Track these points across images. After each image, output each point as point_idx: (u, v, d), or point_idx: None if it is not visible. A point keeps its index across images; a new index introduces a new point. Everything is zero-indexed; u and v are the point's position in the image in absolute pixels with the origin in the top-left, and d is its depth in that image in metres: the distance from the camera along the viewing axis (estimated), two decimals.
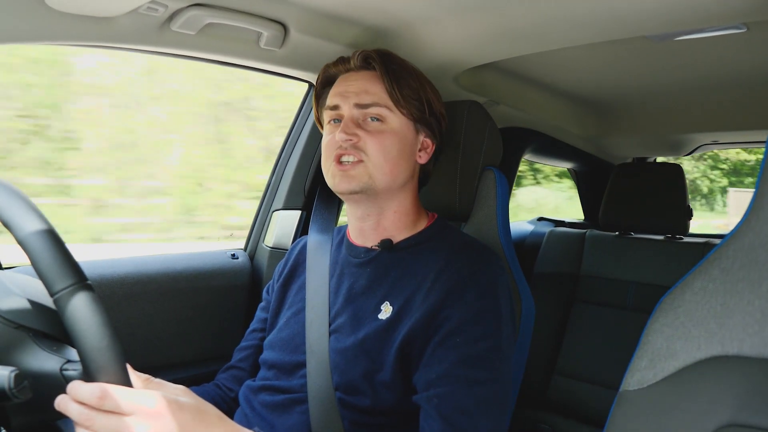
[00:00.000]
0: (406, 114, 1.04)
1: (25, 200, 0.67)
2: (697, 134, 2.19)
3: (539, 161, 2.63)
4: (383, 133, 1.02)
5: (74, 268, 0.65)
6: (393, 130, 1.03)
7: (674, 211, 1.93)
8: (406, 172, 1.06)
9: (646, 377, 0.83)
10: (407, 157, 1.06)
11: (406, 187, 1.08)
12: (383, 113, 1.03)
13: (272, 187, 1.67)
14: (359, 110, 1.03)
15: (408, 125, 1.06)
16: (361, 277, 1.06)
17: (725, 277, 0.80)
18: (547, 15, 1.12)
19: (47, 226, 0.66)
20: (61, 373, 0.74)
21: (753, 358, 0.75)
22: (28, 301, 0.81)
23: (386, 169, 1.02)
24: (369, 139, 1.01)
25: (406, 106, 1.04)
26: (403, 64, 1.08)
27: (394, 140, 1.03)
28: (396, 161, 1.03)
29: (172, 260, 1.48)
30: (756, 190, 0.80)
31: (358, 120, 1.03)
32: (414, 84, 1.05)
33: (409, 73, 1.07)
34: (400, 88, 1.03)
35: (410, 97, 1.04)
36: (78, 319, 0.63)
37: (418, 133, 1.08)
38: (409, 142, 1.06)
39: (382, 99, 1.03)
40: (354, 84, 1.05)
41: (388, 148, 1.02)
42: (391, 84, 1.03)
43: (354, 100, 1.03)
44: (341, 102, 1.05)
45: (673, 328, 0.83)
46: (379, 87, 1.04)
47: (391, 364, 0.93)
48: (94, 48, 1.11)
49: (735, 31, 1.23)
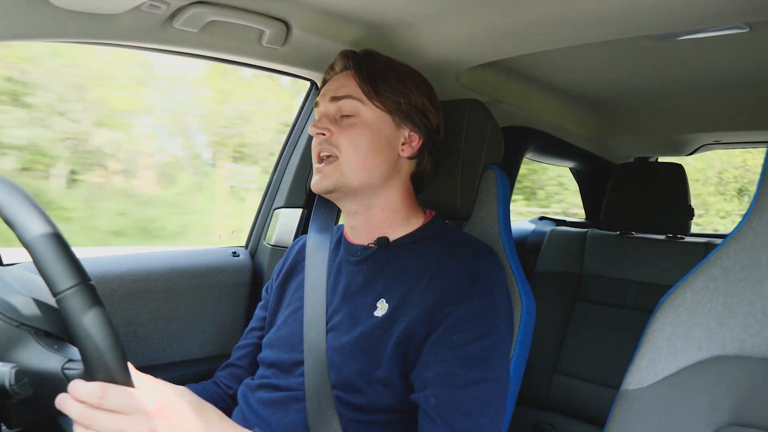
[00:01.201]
0: (381, 107, 1.05)
1: (29, 199, 0.67)
2: (699, 134, 2.18)
3: (541, 160, 2.63)
4: (354, 126, 1.03)
5: (77, 268, 0.65)
6: (365, 122, 1.04)
7: (676, 211, 1.92)
8: (383, 166, 1.05)
9: (647, 376, 0.83)
10: (383, 150, 1.05)
11: (389, 183, 1.07)
12: (356, 106, 1.04)
13: (274, 185, 1.67)
14: (333, 103, 1.05)
15: (384, 118, 1.06)
16: (357, 274, 1.06)
17: (726, 277, 0.80)
18: (549, 14, 1.12)
19: (51, 226, 0.66)
20: (62, 372, 0.74)
21: (754, 358, 0.75)
22: (30, 299, 0.81)
23: (358, 163, 1.02)
24: (341, 133, 1.03)
25: (379, 99, 1.04)
26: (384, 61, 1.09)
27: (366, 133, 1.03)
28: (368, 154, 1.03)
29: (174, 258, 1.48)
30: (757, 191, 0.80)
31: (335, 116, 1.05)
32: (392, 78, 1.06)
33: (388, 67, 1.08)
34: (374, 81, 1.04)
35: (385, 90, 1.05)
36: (80, 320, 0.63)
37: (399, 127, 1.08)
38: (386, 135, 1.06)
39: (356, 92, 1.05)
40: (334, 83, 1.08)
41: (359, 141, 1.02)
42: (361, 77, 1.04)
43: (330, 95, 1.06)
44: (320, 100, 1.08)
45: (674, 327, 0.83)
46: (353, 82, 1.06)
47: (387, 362, 0.93)
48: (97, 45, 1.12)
49: (737, 31, 1.23)
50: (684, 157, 2.60)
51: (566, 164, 2.75)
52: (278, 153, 1.68)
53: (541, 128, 2.09)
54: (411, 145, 1.09)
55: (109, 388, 0.64)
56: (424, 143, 1.10)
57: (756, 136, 2.12)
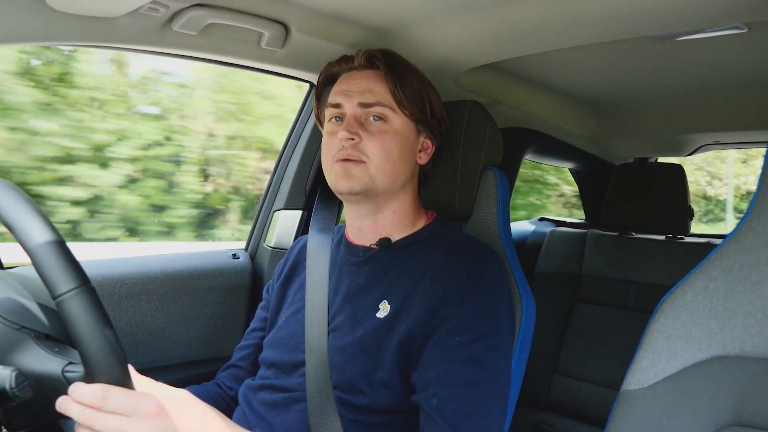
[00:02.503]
0: (408, 115, 1.04)
1: (28, 203, 0.67)
2: (698, 135, 2.18)
3: (541, 161, 2.63)
4: (385, 134, 1.02)
5: (77, 271, 0.65)
6: (395, 130, 1.03)
7: (676, 212, 1.93)
8: (406, 173, 1.06)
9: (647, 377, 0.83)
10: (408, 158, 1.06)
11: (406, 187, 1.08)
12: (386, 113, 1.02)
13: (273, 187, 1.67)
14: (362, 109, 1.03)
15: (409, 126, 1.06)
16: (359, 275, 1.06)
17: (726, 277, 0.80)
18: (549, 15, 1.12)
19: (50, 229, 0.66)
20: (62, 375, 0.74)
21: (754, 358, 0.75)
22: (30, 302, 0.81)
23: (387, 170, 1.01)
24: (370, 140, 1.01)
25: (409, 107, 1.03)
26: (407, 65, 1.08)
27: (396, 141, 1.03)
28: (397, 162, 1.03)
29: (173, 260, 1.48)
30: (757, 191, 0.80)
31: (361, 119, 1.03)
32: (416, 85, 1.05)
33: (413, 73, 1.07)
34: (403, 88, 1.03)
35: (413, 98, 1.04)
36: (80, 323, 0.63)
37: (419, 135, 1.08)
38: (410, 143, 1.06)
39: (386, 99, 1.03)
40: (357, 83, 1.05)
41: (390, 149, 1.01)
42: (394, 84, 1.02)
43: (357, 99, 1.03)
44: (344, 101, 1.04)
45: (674, 328, 0.83)
46: (383, 87, 1.03)
47: (388, 363, 0.93)
48: (96, 48, 1.12)
49: (736, 32, 1.23)
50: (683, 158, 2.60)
51: (566, 165, 2.75)
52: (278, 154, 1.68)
53: (541, 129, 2.09)
54: (426, 152, 1.10)
55: (111, 390, 0.64)
56: (436, 150, 1.11)
57: (756, 136, 2.12)
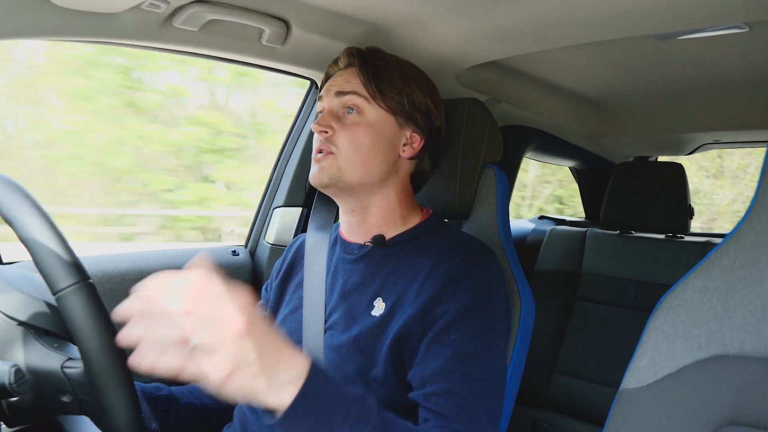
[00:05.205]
0: (384, 107, 1.05)
1: (28, 198, 0.67)
2: (698, 134, 2.18)
3: (541, 160, 2.63)
4: (357, 126, 1.03)
5: (77, 266, 0.65)
6: (368, 122, 1.04)
7: (675, 210, 1.93)
8: (382, 166, 1.05)
9: (647, 376, 0.83)
10: (384, 150, 1.05)
11: (388, 182, 1.07)
12: (360, 104, 1.04)
13: (273, 184, 1.67)
14: (338, 98, 1.05)
15: (387, 118, 1.06)
16: (354, 273, 1.06)
17: (726, 276, 0.80)
18: (549, 14, 1.12)
19: (50, 224, 0.66)
20: (62, 371, 0.74)
21: (754, 358, 0.75)
22: (29, 298, 0.81)
23: (357, 161, 1.02)
24: (342, 132, 1.02)
25: (383, 99, 1.04)
26: (389, 59, 1.08)
27: (368, 132, 1.03)
28: (368, 153, 1.03)
29: (173, 256, 1.48)
30: (757, 190, 0.80)
31: (338, 113, 1.05)
32: (395, 77, 1.05)
33: (393, 67, 1.07)
34: (378, 80, 1.04)
35: (389, 90, 1.04)
36: (80, 318, 0.63)
37: (402, 128, 1.08)
38: (388, 135, 1.06)
39: (360, 90, 1.04)
40: (338, 79, 1.08)
41: (360, 141, 1.02)
42: (366, 76, 1.04)
43: (335, 90, 1.06)
44: (324, 95, 1.08)
45: (674, 327, 0.83)
46: (358, 80, 1.05)
47: (383, 361, 0.93)
48: (96, 44, 1.12)
49: (737, 31, 1.23)
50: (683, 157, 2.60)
51: (566, 164, 2.75)
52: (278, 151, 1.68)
53: (541, 127, 2.09)
54: (412, 145, 1.09)
55: (210, 276, 0.58)
56: (425, 144, 1.10)
57: (756, 135, 2.12)
